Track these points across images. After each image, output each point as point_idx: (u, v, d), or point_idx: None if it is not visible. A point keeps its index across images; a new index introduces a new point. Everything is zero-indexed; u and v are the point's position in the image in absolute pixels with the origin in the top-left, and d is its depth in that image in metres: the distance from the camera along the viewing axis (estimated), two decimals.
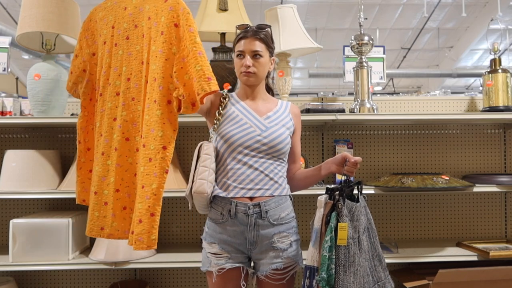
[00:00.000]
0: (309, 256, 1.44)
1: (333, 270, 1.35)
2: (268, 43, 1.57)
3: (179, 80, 1.01)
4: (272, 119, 1.57)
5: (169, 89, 1.00)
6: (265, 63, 1.56)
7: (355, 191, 1.58)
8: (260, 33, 1.55)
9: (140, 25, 1.06)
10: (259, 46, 1.53)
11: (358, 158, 1.47)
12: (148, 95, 1.02)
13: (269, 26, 1.59)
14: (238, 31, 1.58)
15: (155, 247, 1.17)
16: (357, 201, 1.52)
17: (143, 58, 1.04)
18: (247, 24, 1.58)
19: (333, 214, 1.42)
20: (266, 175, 1.52)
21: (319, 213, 1.45)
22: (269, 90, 1.70)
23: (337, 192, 1.47)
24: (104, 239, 2.15)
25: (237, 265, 1.53)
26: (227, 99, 1.60)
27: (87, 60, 1.17)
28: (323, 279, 1.34)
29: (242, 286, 1.53)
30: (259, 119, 1.56)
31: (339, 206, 1.42)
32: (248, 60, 1.52)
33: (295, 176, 1.67)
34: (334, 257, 1.36)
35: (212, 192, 1.53)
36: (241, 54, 1.54)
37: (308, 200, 2.49)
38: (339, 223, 1.38)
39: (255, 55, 1.53)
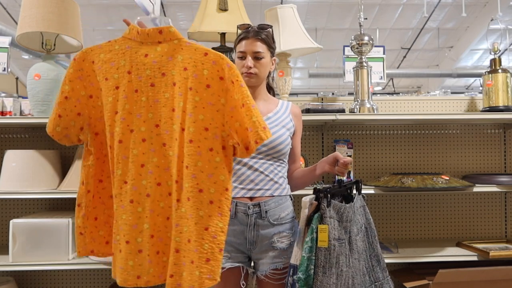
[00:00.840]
0: (293, 255, 1.44)
1: (312, 271, 1.34)
2: (270, 43, 1.57)
3: (231, 128, 1.06)
4: (272, 120, 1.57)
5: (222, 136, 1.06)
6: (266, 64, 1.56)
7: (354, 191, 1.58)
8: (262, 33, 1.54)
9: (170, 74, 1.07)
10: (260, 47, 1.53)
11: (348, 159, 1.45)
12: (198, 143, 1.05)
13: (271, 26, 1.59)
14: (239, 31, 1.58)
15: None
16: (351, 201, 1.52)
17: (175, 105, 1.06)
18: (249, 24, 1.58)
19: (316, 215, 1.40)
20: (266, 176, 1.52)
21: (303, 213, 1.44)
22: (270, 89, 1.71)
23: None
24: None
25: (237, 264, 1.53)
26: None
27: (83, 103, 1.12)
28: (300, 279, 1.33)
29: (242, 286, 1.53)
30: None
31: (322, 208, 1.40)
32: (249, 61, 1.51)
33: (293, 176, 1.67)
34: (314, 258, 1.35)
35: None
36: (243, 55, 1.53)
37: None
38: (319, 225, 1.37)
39: (257, 56, 1.53)
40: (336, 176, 2.30)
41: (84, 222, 1.18)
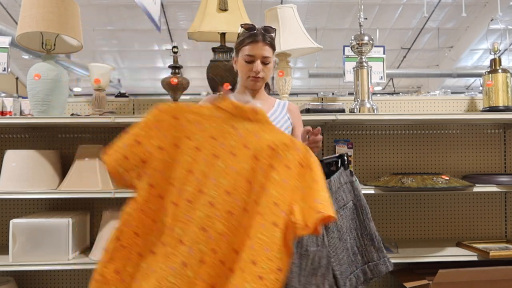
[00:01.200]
0: None
1: None
2: (274, 47, 1.58)
3: (297, 206, 1.09)
4: None
5: (287, 214, 1.08)
6: (271, 68, 1.58)
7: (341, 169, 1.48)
8: (270, 37, 1.55)
9: (253, 148, 1.11)
10: (268, 52, 1.54)
11: (319, 137, 1.39)
12: (265, 216, 1.06)
13: (275, 30, 1.59)
14: (243, 31, 1.56)
15: None
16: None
17: (252, 178, 1.09)
18: (253, 24, 1.57)
19: None
20: None
21: None
22: (267, 86, 1.71)
23: None
24: (104, 239, 2.15)
25: None
26: None
27: (153, 152, 1.12)
28: None
29: None
30: None
31: None
32: (259, 66, 1.52)
33: None
34: None
35: None
36: (252, 59, 1.52)
37: None
38: None
39: (264, 61, 1.53)
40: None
41: (107, 269, 1.14)
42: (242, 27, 1.58)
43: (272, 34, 1.57)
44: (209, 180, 1.09)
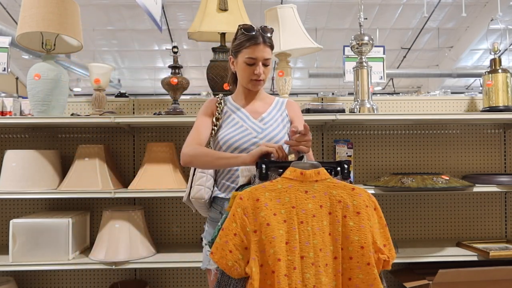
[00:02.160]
0: None
1: None
2: (273, 47, 1.58)
3: (380, 244, 1.27)
4: (266, 120, 1.57)
5: (375, 253, 1.26)
6: (270, 69, 1.58)
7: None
8: (269, 38, 1.54)
9: (326, 206, 1.28)
10: (269, 53, 1.53)
11: (305, 128, 1.34)
12: (357, 259, 1.25)
13: (273, 30, 1.59)
14: (242, 31, 1.53)
15: None
16: None
17: (332, 231, 1.27)
18: (251, 25, 1.56)
19: (247, 186, 1.31)
20: None
21: (239, 182, 1.40)
22: None
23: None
24: (104, 239, 2.15)
25: None
26: (222, 103, 1.61)
27: (250, 238, 1.24)
28: (210, 247, 1.27)
29: None
30: (254, 121, 1.57)
31: (252, 179, 1.33)
32: (261, 69, 1.51)
33: None
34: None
35: (211, 195, 1.58)
36: (254, 62, 1.50)
37: None
38: (233, 192, 1.30)
39: (265, 63, 1.53)
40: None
41: None
42: (240, 27, 1.57)
43: (270, 35, 1.56)
44: (304, 244, 1.25)
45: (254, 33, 1.51)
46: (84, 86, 11.03)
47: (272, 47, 1.56)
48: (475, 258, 2.15)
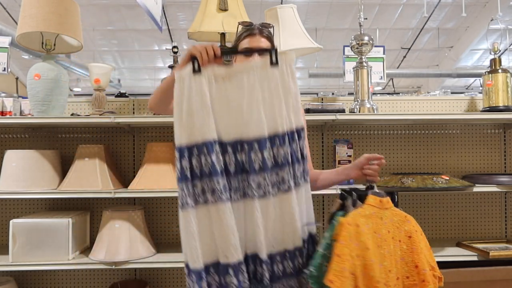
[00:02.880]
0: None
1: (326, 270, 1.30)
2: (273, 41, 1.58)
3: (432, 263, 1.43)
4: None
5: (430, 271, 1.42)
6: None
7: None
8: (266, 31, 1.54)
9: (391, 231, 1.41)
10: (265, 44, 1.53)
11: (379, 158, 1.45)
12: (413, 278, 1.39)
13: (273, 26, 1.59)
14: (241, 28, 1.56)
15: None
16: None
17: (393, 254, 1.40)
18: (250, 22, 1.57)
19: (340, 213, 1.39)
20: None
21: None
22: None
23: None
24: (104, 239, 2.15)
25: None
26: None
27: (355, 263, 1.32)
28: (312, 275, 1.29)
29: None
30: None
31: (346, 205, 1.40)
32: (257, 58, 1.51)
33: (318, 176, 1.64)
34: (330, 256, 1.31)
35: None
36: (250, 52, 1.50)
37: (314, 198, 2.49)
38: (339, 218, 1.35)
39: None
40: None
41: None
42: (240, 24, 1.58)
43: (269, 29, 1.56)
44: (381, 266, 1.36)
45: (251, 26, 1.54)
46: (84, 86, 11.03)
47: (270, 40, 1.55)
48: (475, 258, 2.15)
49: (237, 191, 1.31)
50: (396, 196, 1.54)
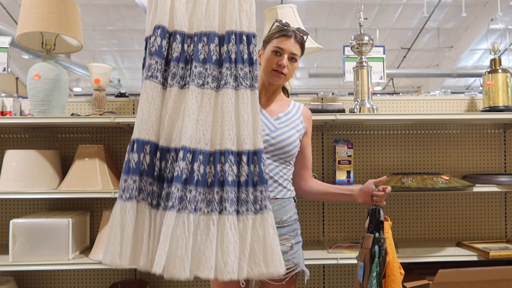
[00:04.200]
0: None
1: None
2: (304, 49, 1.59)
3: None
4: (282, 120, 1.56)
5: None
6: (295, 68, 1.58)
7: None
8: (301, 37, 1.55)
9: (389, 244, 1.54)
10: (297, 50, 1.54)
11: (389, 189, 1.53)
12: (392, 277, 1.49)
13: (308, 34, 1.61)
14: (277, 25, 1.57)
15: None
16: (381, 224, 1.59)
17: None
18: (287, 22, 1.58)
19: (376, 248, 1.47)
20: (270, 178, 1.51)
21: (361, 249, 1.56)
22: (285, 90, 1.71)
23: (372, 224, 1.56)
24: (104, 238, 2.15)
25: None
26: None
27: None
28: None
29: (242, 286, 1.53)
30: (270, 119, 1.55)
31: (381, 241, 1.47)
32: (286, 60, 1.51)
33: (312, 187, 1.65)
34: None
35: None
36: (280, 52, 1.51)
37: (312, 201, 2.49)
38: (387, 258, 1.46)
39: (292, 57, 1.53)
40: (336, 176, 2.30)
41: None
42: (276, 21, 1.58)
43: (304, 36, 1.57)
44: None
45: (287, 27, 1.54)
46: (84, 86, 11.03)
47: (302, 48, 1.56)
48: (475, 258, 2.15)
49: (181, 80, 1.34)
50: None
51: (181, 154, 1.25)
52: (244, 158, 1.26)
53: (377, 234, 1.49)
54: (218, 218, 1.20)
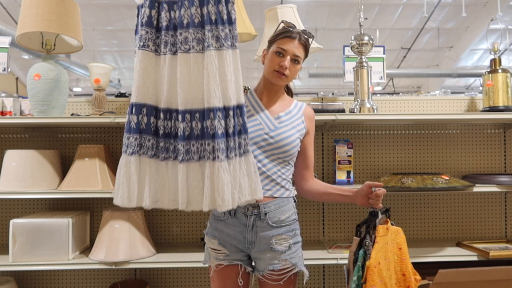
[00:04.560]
0: None
1: None
2: (308, 51, 1.58)
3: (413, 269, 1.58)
4: (282, 119, 1.56)
5: (413, 276, 1.56)
6: (298, 70, 1.57)
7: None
8: (306, 40, 1.55)
9: (390, 249, 1.52)
10: (300, 52, 1.53)
11: (381, 191, 1.50)
12: (400, 284, 1.54)
13: (313, 36, 1.61)
14: (282, 27, 1.56)
15: None
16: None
17: (390, 266, 1.52)
18: (293, 24, 1.57)
19: (361, 252, 1.45)
20: (268, 177, 1.51)
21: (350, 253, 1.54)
22: (288, 90, 1.71)
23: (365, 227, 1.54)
24: (104, 239, 2.15)
25: (235, 262, 1.54)
26: (245, 93, 1.61)
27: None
28: None
29: (240, 284, 1.53)
30: (270, 118, 1.55)
31: (366, 244, 1.45)
32: (288, 62, 1.51)
33: (312, 187, 1.65)
34: None
35: None
36: (282, 53, 1.51)
37: (312, 201, 2.49)
38: (366, 262, 1.42)
39: (295, 59, 1.52)
40: (336, 176, 2.30)
41: None
42: (282, 22, 1.58)
43: (309, 38, 1.57)
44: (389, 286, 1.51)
45: (292, 28, 1.54)
46: (84, 86, 11.03)
47: (306, 50, 1.56)
48: (475, 258, 2.15)
49: (172, 46, 1.48)
50: (389, 212, 1.62)
51: (180, 116, 1.42)
52: (231, 112, 1.40)
53: (367, 237, 1.49)
54: (212, 164, 1.39)
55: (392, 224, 1.59)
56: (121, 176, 1.45)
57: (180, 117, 1.42)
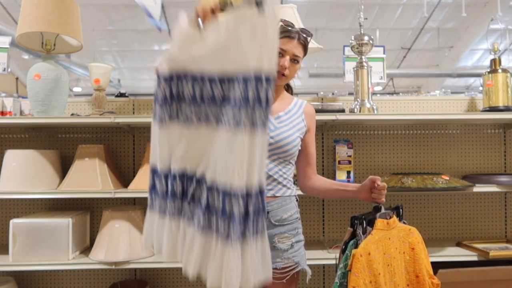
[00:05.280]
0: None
1: None
2: (307, 50, 1.58)
3: (431, 271, 1.56)
4: (282, 119, 1.56)
5: (429, 279, 1.54)
6: (297, 69, 1.57)
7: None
8: (305, 39, 1.54)
9: (398, 247, 1.52)
10: (299, 52, 1.53)
11: (382, 184, 1.49)
12: (414, 285, 1.53)
13: (312, 35, 1.60)
14: (281, 25, 1.54)
15: None
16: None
17: (401, 267, 1.52)
18: (292, 23, 1.56)
19: (351, 242, 1.45)
20: (270, 176, 1.51)
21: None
22: (288, 87, 1.71)
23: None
24: (104, 239, 2.15)
25: None
26: None
27: None
28: None
29: None
30: (270, 118, 1.55)
31: (357, 234, 1.44)
32: (287, 62, 1.50)
33: (315, 184, 1.64)
34: (346, 284, 1.40)
35: None
36: (282, 53, 1.50)
37: (314, 200, 2.49)
38: (353, 250, 1.41)
39: (294, 58, 1.52)
40: (337, 175, 2.30)
41: None
42: (281, 22, 1.57)
43: (308, 37, 1.56)
44: (391, 283, 1.48)
45: (291, 28, 1.52)
46: (84, 86, 11.02)
47: (305, 49, 1.55)
48: (475, 258, 2.15)
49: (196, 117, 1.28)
50: (401, 210, 1.61)
51: (204, 186, 1.27)
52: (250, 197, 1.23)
53: (359, 228, 1.48)
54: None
55: (404, 223, 1.58)
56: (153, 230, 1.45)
57: (204, 186, 1.28)
